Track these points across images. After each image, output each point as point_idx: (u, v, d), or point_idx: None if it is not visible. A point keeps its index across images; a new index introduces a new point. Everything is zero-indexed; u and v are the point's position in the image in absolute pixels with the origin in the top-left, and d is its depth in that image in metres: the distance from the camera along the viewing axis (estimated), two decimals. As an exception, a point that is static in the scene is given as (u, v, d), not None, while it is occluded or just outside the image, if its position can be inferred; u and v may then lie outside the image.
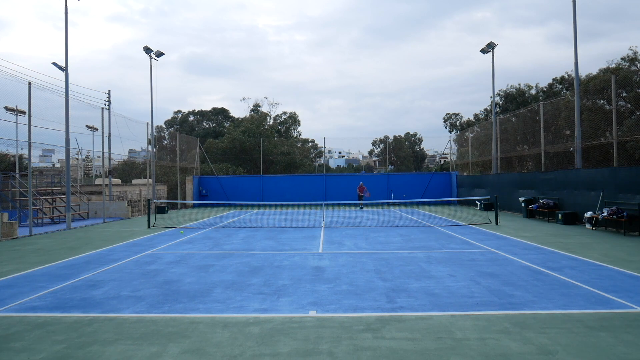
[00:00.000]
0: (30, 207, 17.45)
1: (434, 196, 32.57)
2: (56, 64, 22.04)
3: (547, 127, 23.59)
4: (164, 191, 32.59)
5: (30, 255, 11.69)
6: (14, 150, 23.33)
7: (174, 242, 14.02)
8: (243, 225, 19.40)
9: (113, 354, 4.79)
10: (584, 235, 14.21)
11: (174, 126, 59.91)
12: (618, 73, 23.97)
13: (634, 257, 10.16)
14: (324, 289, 7.52)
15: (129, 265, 10.08)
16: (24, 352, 4.89)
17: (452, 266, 9.39)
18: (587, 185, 17.58)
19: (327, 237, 14.53)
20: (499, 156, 28.43)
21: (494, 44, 27.86)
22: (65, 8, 19.42)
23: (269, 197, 33.56)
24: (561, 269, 8.94)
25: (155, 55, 27.84)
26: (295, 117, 58.28)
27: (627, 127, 21.99)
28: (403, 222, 19.55)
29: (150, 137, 28.04)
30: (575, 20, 19.54)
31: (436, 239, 13.93)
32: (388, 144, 55.17)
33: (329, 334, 5.25)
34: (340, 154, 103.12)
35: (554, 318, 5.82)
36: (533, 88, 41.40)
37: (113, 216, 23.89)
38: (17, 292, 7.66)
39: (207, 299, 6.97)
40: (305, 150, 55.48)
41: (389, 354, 4.70)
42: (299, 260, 10.40)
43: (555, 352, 4.69)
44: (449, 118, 58.09)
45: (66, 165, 20.51)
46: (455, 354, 4.66)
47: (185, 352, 4.84)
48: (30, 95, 16.52)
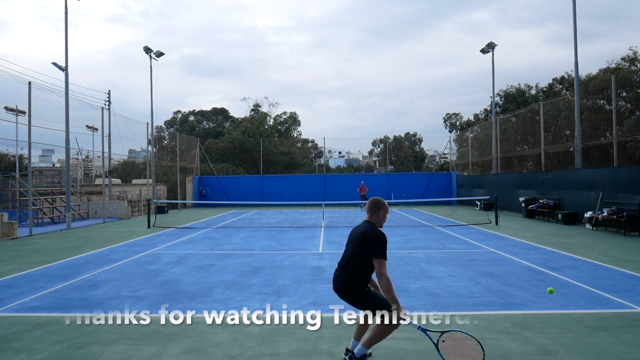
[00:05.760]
0: (30, 207, 17.45)
1: (434, 196, 32.55)
2: (56, 64, 22.05)
3: (547, 127, 23.60)
4: (164, 191, 32.58)
5: (30, 255, 11.69)
6: (14, 150, 23.30)
7: (174, 242, 14.02)
8: (243, 225, 19.40)
9: (113, 354, 4.80)
10: (584, 235, 14.21)
11: (174, 126, 59.91)
12: (618, 73, 23.98)
13: (634, 257, 10.16)
14: (324, 289, 7.52)
15: (129, 265, 10.08)
16: (24, 352, 4.89)
17: (452, 266, 9.39)
18: (587, 185, 17.57)
19: (327, 237, 14.53)
20: (499, 156, 28.43)
21: (494, 44, 27.86)
22: (65, 9, 19.44)
23: (269, 197, 33.54)
24: (561, 269, 8.94)
25: (155, 56, 27.84)
26: (295, 117, 58.26)
27: (627, 127, 22.00)
28: (403, 222, 19.55)
29: (150, 137, 28.04)
30: (575, 20, 19.54)
31: (436, 239, 13.93)
32: (388, 144, 55.12)
33: (329, 334, 5.25)
34: (340, 154, 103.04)
35: (554, 318, 5.82)
36: (533, 88, 41.43)
37: (113, 216, 23.88)
38: (17, 292, 7.66)
39: (207, 299, 6.97)
40: (305, 150, 55.46)
41: (389, 354, 4.70)
42: (299, 260, 10.40)
43: (555, 352, 4.69)
44: (449, 118, 58.09)
45: (66, 165, 20.51)
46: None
47: (185, 352, 4.85)
48: (30, 95, 16.53)
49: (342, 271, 4.37)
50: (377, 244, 4.19)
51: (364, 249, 4.21)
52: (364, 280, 4.30)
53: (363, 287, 4.31)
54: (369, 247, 4.19)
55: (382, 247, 4.17)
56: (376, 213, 4.43)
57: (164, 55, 28.46)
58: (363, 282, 4.30)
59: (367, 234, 4.27)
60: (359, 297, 4.29)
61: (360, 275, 4.27)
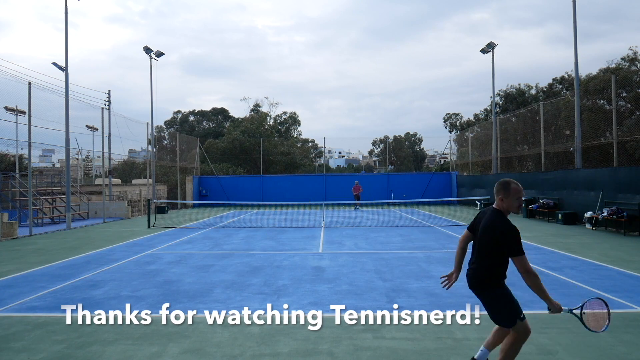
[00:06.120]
0: (30, 207, 17.45)
1: (434, 196, 32.56)
2: (56, 64, 22.04)
3: (547, 127, 23.59)
4: (164, 191, 32.58)
5: (30, 255, 11.69)
6: (14, 150, 23.30)
7: (174, 242, 14.02)
8: (243, 225, 19.40)
9: (113, 354, 4.80)
10: (584, 235, 14.21)
11: (174, 126, 59.90)
12: (618, 73, 23.97)
13: (634, 257, 10.16)
14: (324, 289, 7.52)
15: (129, 265, 10.07)
16: (24, 352, 4.89)
17: (452, 266, 9.37)
18: (587, 185, 17.57)
19: (327, 237, 14.53)
20: (499, 156, 28.43)
21: (494, 44, 27.86)
22: (65, 9, 19.44)
23: (269, 197, 33.53)
24: (561, 269, 8.94)
25: (155, 55, 27.83)
26: (296, 117, 58.23)
27: (627, 127, 22.00)
28: (403, 222, 19.55)
29: (150, 137, 28.04)
30: (575, 20, 19.54)
31: (436, 239, 13.93)
32: (388, 144, 55.11)
33: (329, 334, 5.25)
34: (340, 154, 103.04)
35: (554, 318, 5.81)
36: (533, 88, 41.39)
37: (113, 216, 23.88)
38: (17, 292, 7.66)
39: (207, 299, 6.97)
40: (305, 150, 55.45)
41: (389, 354, 4.70)
42: (299, 260, 10.40)
43: (555, 352, 4.69)
44: (448, 118, 58.08)
45: (66, 165, 20.51)
46: (455, 354, 4.67)
47: (185, 352, 4.85)
48: (30, 95, 16.53)
49: (471, 266, 3.93)
50: (509, 239, 3.59)
51: (494, 242, 3.68)
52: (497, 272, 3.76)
53: (497, 280, 3.77)
54: (500, 242, 3.64)
55: (514, 241, 3.58)
56: (498, 198, 3.79)
57: (164, 55, 28.48)
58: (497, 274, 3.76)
59: (495, 228, 3.67)
60: (489, 291, 3.79)
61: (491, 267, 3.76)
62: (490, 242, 3.71)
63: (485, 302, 3.85)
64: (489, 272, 3.77)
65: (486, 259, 3.77)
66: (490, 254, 3.74)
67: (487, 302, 3.83)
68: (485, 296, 3.83)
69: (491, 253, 3.73)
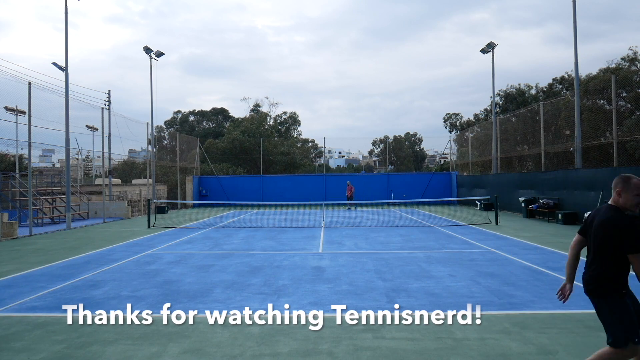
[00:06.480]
0: (30, 207, 17.45)
1: (434, 196, 32.55)
2: (56, 64, 22.04)
3: (547, 127, 23.59)
4: (164, 191, 32.59)
5: (30, 255, 11.69)
6: (14, 150, 23.31)
7: (174, 242, 14.02)
8: (243, 225, 19.40)
9: (113, 354, 4.80)
10: (584, 235, 14.20)
11: (174, 126, 59.91)
12: (618, 73, 23.99)
13: (634, 257, 10.15)
14: (324, 289, 7.52)
15: (129, 265, 10.07)
16: (24, 352, 4.89)
17: (452, 266, 9.39)
18: (587, 185, 17.58)
19: (327, 237, 14.53)
20: (499, 156, 28.43)
21: (494, 44, 27.86)
22: (65, 9, 19.45)
23: (269, 197, 33.54)
24: (561, 269, 8.94)
25: (155, 55, 27.83)
26: (296, 117, 58.24)
27: (627, 127, 21.99)
28: (403, 222, 19.55)
29: (150, 137, 28.05)
30: (575, 20, 19.54)
31: (436, 239, 13.93)
32: (388, 144, 55.13)
33: (329, 334, 5.25)
34: (340, 154, 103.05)
35: (554, 318, 5.82)
36: (533, 88, 41.41)
37: (113, 216, 23.88)
38: (17, 292, 7.66)
39: (207, 299, 6.97)
40: (305, 150, 55.47)
41: (389, 354, 4.70)
42: (299, 260, 10.40)
43: (555, 352, 4.69)
44: (449, 118, 58.05)
45: (66, 165, 20.51)
46: (455, 354, 4.67)
47: (185, 352, 4.85)
48: (30, 95, 16.53)
49: (586, 269, 3.62)
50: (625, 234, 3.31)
51: (609, 240, 3.40)
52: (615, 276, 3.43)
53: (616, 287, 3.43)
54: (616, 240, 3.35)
55: (632, 237, 3.29)
56: (615, 192, 3.49)
57: (164, 55, 28.48)
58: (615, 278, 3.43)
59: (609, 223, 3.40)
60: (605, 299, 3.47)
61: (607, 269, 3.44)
62: (605, 239, 3.41)
63: (599, 311, 3.53)
64: (605, 275, 3.45)
65: (601, 260, 3.47)
66: (605, 254, 3.44)
67: (601, 311, 3.52)
68: (601, 305, 3.50)
69: (607, 253, 3.43)
